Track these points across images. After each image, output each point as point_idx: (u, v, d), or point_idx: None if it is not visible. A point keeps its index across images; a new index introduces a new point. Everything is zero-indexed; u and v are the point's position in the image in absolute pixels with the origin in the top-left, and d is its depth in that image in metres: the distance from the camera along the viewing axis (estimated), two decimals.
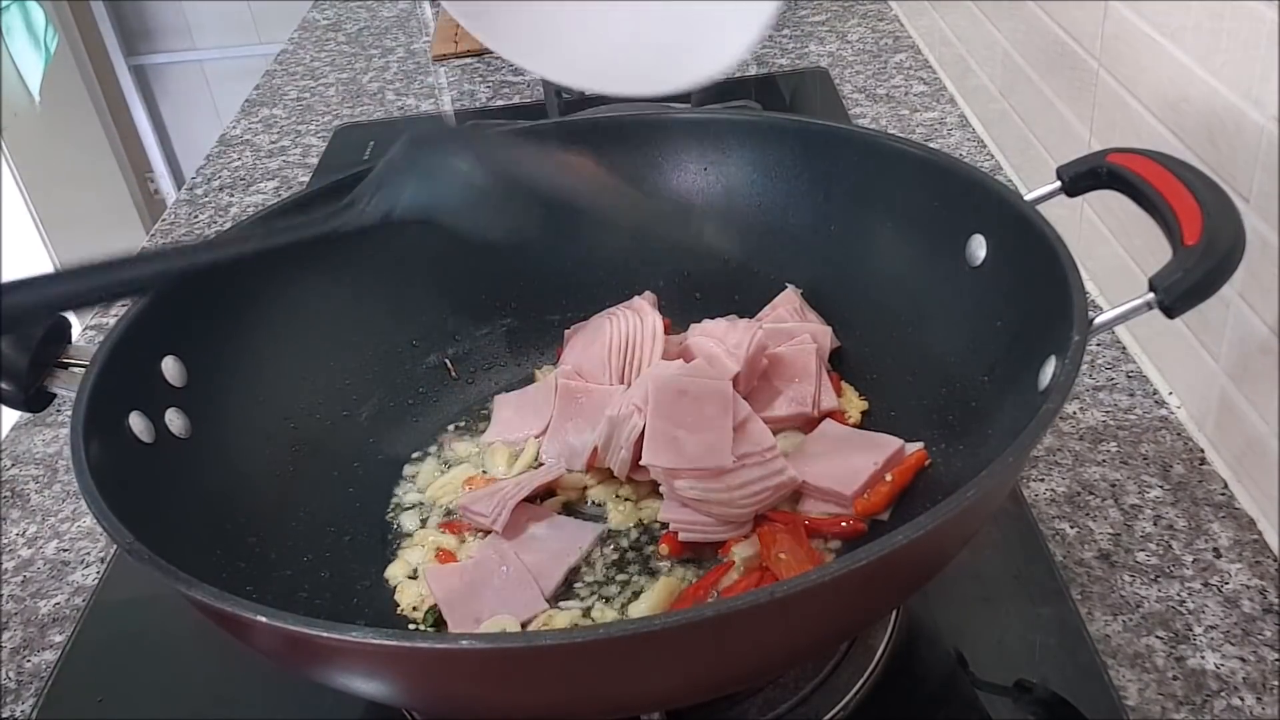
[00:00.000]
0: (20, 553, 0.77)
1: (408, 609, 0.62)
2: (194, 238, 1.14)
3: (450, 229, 0.64)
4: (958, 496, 0.43)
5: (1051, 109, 0.90)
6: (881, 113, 1.18)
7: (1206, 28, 0.64)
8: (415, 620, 0.61)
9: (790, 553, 0.59)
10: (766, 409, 0.67)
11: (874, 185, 0.70)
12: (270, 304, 0.69)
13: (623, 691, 0.45)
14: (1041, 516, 0.68)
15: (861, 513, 0.62)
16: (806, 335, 0.71)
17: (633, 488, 0.66)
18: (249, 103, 1.47)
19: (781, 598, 0.40)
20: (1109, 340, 0.81)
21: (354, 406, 0.72)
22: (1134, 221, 0.76)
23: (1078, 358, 0.49)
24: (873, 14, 1.44)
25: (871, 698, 0.58)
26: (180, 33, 2.70)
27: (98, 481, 0.50)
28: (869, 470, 0.62)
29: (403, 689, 0.48)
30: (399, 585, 0.63)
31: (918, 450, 0.63)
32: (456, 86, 1.41)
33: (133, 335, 0.60)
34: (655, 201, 0.77)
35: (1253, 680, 0.57)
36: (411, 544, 0.66)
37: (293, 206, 0.71)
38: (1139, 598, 0.62)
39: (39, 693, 0.65)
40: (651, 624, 0.40)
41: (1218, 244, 0.50)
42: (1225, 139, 0.63)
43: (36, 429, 0.90)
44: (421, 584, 0.63)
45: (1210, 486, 0.68)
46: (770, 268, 0.75)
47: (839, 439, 0.66)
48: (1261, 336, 0.62)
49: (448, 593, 0.60)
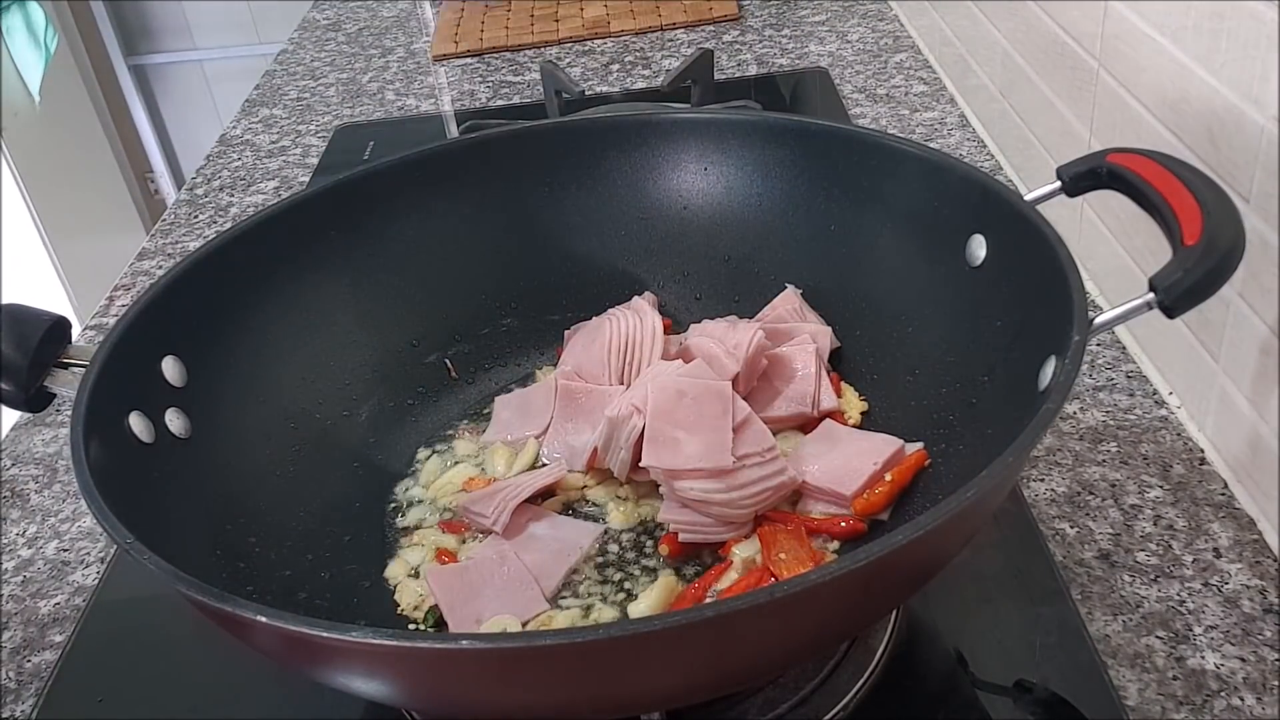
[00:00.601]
0: (20, 553, 0.77)
1: (408, 609, 0.62)
2: (194, 237, 1.15)
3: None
4: (958, 496, 0.43)
5: (1051, 109, 0.90)
6: (881, 113, 1.18)
7: (1207, 28, 0.64)
8: (415, 620, 0.61)
9: (790, 553, 0.59)
10: (766, 409, 0.67)
11: (874, 185, 0.70)
12: (270, 304, 0.69)
13: (623, 691, 0.45)
14: (1041, 516, 0.68)
15: (861, 513, 0.62)
16: (806, 335, 0.71)
17: (632, 488, 0.66)
18: (249, 103, 1.47)
19: (781, 598, 0.40)
20: (1109, 340, 0.81)
21: (354, 406, 0.72)
22: (1134, 221, 0.76)
23: (1078, 358, 0.49)
24: (873, 14, 1.44)
25: (871, 698, 0.58)
26: (180, 33, 2.70)
27: (97, 481, 0.50)
28: (869, 470, 0.62)
29: (403, 689, 0.48)
30: (399, 585, 0.63)
31: (918, 450, 0.63)
32: (456, 86, 1.41)
33: (133, 335, 0.60)
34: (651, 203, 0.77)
35: (1253, 680, 0.57)
36: (411, 544, 0.66)
37: (293, 206, 0.71)
38: (1139, 598, 0.62)
39: (39, 693, 0.65)
40: (651, 624, 0.40)
41: (1218, 244, 0.50)
42: (1225, 139, 0.63)
43: (36, 429, 0.90)
44: (421, 584, 0.63)
45: (1210, 486, 0.68)
46: (770, 268, 0.75)
47: (839, 439, 0.66)
48: (1262, 336, 0.62)
49: (448, 593, 0.60)
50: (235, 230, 0.68)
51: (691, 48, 1.41)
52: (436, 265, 0.76)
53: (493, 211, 0.77)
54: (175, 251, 1.13)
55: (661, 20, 1.48)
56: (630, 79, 1.35)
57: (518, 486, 0.65)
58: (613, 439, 0.64)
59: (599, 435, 0.65)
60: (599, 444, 0.65)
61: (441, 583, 0.61)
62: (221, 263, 0.67)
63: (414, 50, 1.56)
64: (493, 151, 0.77)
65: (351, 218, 0.73)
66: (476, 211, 0.77)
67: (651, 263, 0.78)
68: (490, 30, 1.54)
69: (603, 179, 0.77)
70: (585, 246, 0.78)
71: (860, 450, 0.64)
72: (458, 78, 1.44)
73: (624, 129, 0.77)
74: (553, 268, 0.78)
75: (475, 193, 0.77)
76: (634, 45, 1.45)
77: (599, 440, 0.65)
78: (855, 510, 0.62)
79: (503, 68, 1.44)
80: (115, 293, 1.07)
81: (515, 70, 1.43)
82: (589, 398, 0.70)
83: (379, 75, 1.49)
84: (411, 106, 1.38)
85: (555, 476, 0.67)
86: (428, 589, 0.62)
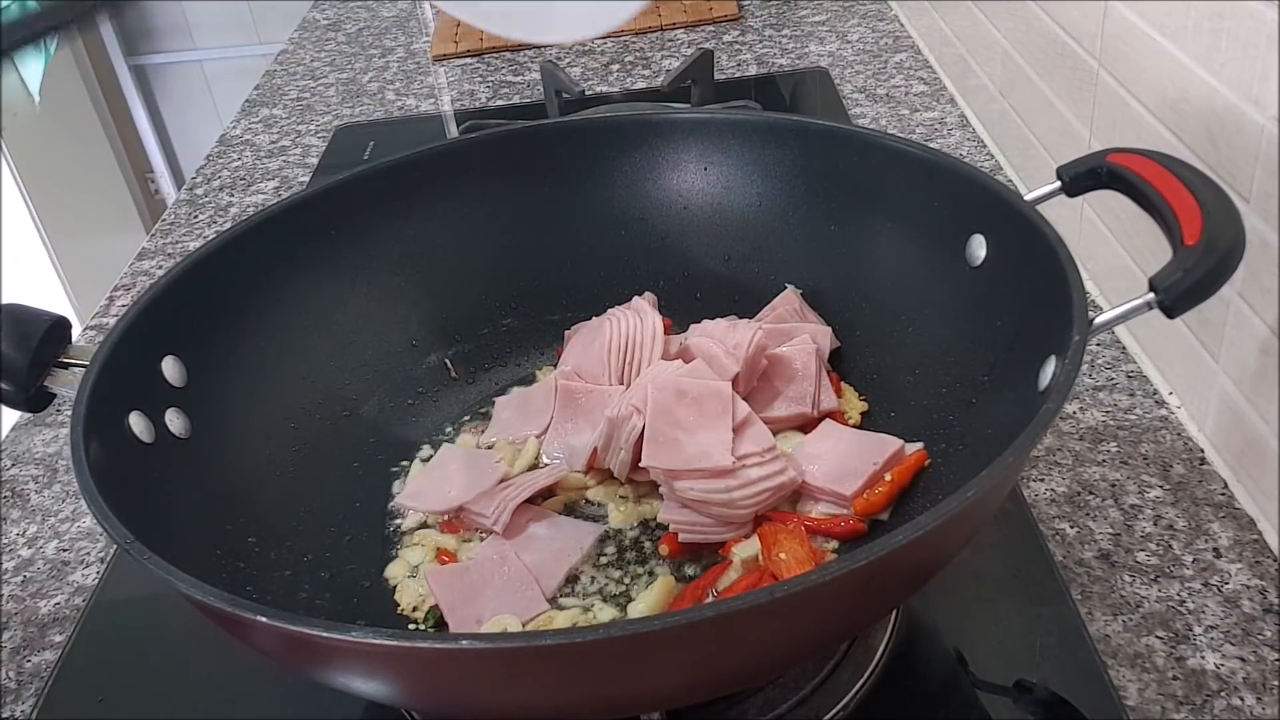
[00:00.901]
0: (20, 553, 0.77)
1: (407, 609, 0.62)
2: (194, 237, 1.15)
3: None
4: (958, 496, 0.43)
5: (1051, 109, 0.90)
6: (881, 113, 1.18)
7: (1207, 28, 0.64)
8: (415, 620, 0.61)
9: (791, 553, 0.59)
10: (766, 409, 0.67)
11: (874, 185, 0.70)
12: (270, 304, 0.69)
13: (623, 691, 0.45)
14: (1041, 516, 0.68)
15: (861, 513, 0.62)
16: (806, 335, 0.71)
17: (633, 488, 0.66)
18: (249, 103, 1.47)
19: (781, 598, 0.40)
20: (1109, 340, 0.81)
21: (354, 407, 0.72)
22: (1134, 221, 0.76)
23: (1078, 358, 0.49)
24: (873, 14, 1.44)
25: (871, 698, 0.58)
26: (180, 33, 2.70)
27: (97, 481, 0.50)
28: (869, 470, 0.62)
29: (403, 689, 0.48)
30: (399, 585, 0.63)
31: (917, 450, 0.63)
32: (456, 86, 1.41)
33: (132, 335, 0.60)
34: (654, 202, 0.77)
35: (1253, 680, 0.57)
36: (411, 544, 0.66)
37: (293, 206, 0.71)
38: (1139, 598, 0.62)
39: (39, 693, 0.65)
40: (651, 624, 0.40)
41: (1218, 244, 0.50)
42: (1225, 139, 0.63)
43: (36, 429, 0.90)
44: (421, 584, 0.62)
45: (1210, 486, 0.68)
46: (770, 268, 0.75)
47: (839, 439, 0.66)
48: (1262, 336, 0.62)
49: (448, 593, 0.60)
50: (235, 230, 0.68)
51: (691, 48, 1.41)
52: (436, 265, 0.76)
53: (492, 211, 0.77)
54: (175, 251, 1.13)
55: (661, 20, 1.48)
56: (630, 79, 1.35)
57: (519, 487, 0.65)
58: (613, 439, 0.64)
59: (599, 435, 0.65)
60: (599, 444, 0.65)
61: (442, 583, 0.61)
62: (221, 263, 0.67)
63: (414, 50, 1.56)
64: (493, 151, 0.77)
65: (351, 218, 0.73)
66: (476, 211, 0.77)
67: (651, 263, 0.78)
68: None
69: (603, 179, 0.77)
70: (585, 246, 0.78)
71: (860, 450, 0.64)
72: (458, 78, 1.44)
73: (624, 129, 0.77)
74: (553, 268, 0.78)
75: (475, 193, 0.77)
76: (634, 45, 1.45)
77: (599, 440, 0.65)
78: (855, 510, 0.62)
79: (503, 68, 1.44)
80: (115, 293, 1.07)
81: (515, 70, 1.43)
82: (589, 398, 0.70)
83: (379, 75, 1.49)
84: (411, 106, 1.38)
85: (556, 476, 0.67)
86: (428, 589, 0.62)
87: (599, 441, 0.65)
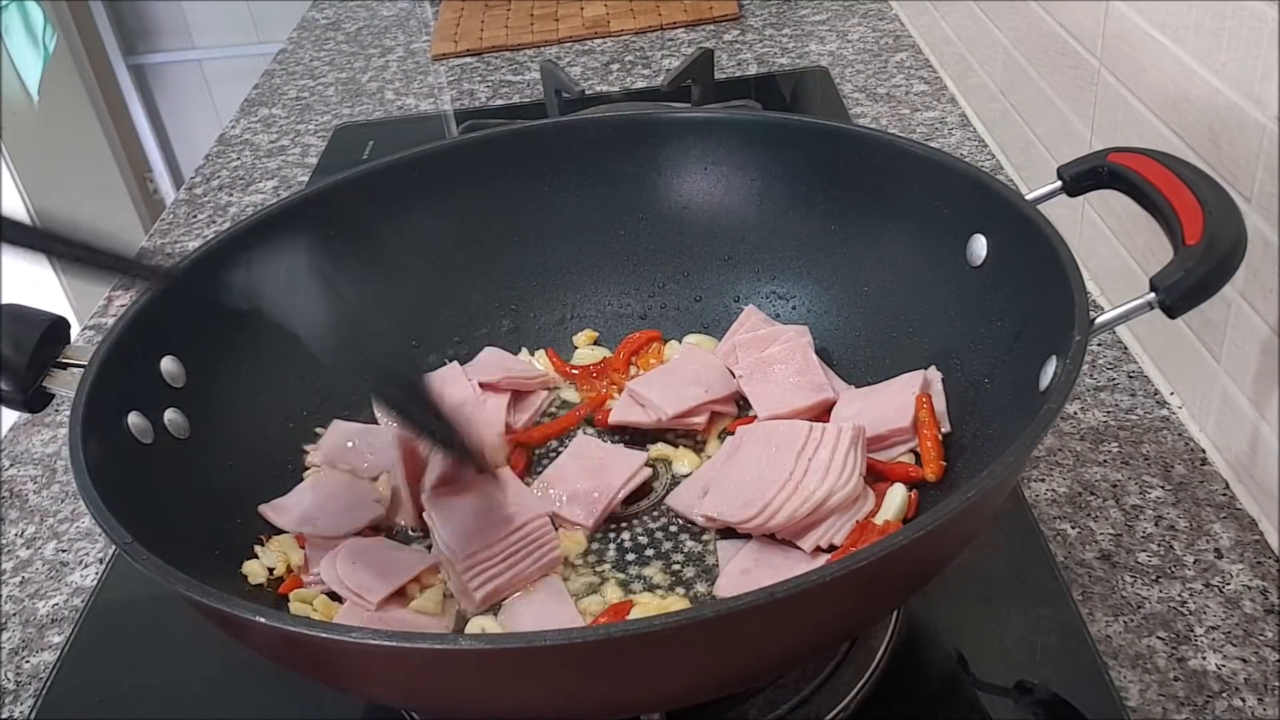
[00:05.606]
0: (19, 553, 0.77)
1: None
2: (193, 237, 1.14)
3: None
4: (958, 496, 0.43)
5: (1052, 108, 0.90)
6: (882, 112, 1.18)
7: (1208, 27, 0.64)
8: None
9: None
10: (789, 404, 0.67)
11: (875, 185, 0.70)
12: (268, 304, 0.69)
13: (623, 691, 0.45)
14: (1042, 517, 0.67)
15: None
16: (790, 333, 0.71)
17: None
18: (248, 102, 1.47)
19: (782, 598, 0.39)
20: (1110, 340, 0.81)
21: (354, 407, 0.72)
22: (1135, 221, 0.76)
23: (1079, 358, 0.49)
24: (873, 13, 1.44)
25: (872, 698, 0.58)
26: (179, 32, 2.70)
27: (96, 481, 0.50)
28: (910, 400, 0.63)
29: (402, 689, 0.48)
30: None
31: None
32: (456, 86, 1.41)
33: (132, 335, 0.60)
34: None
35: (1254, 681, 0.57)
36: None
37: (292, 206, 0.71)
38: (1140, 598, 0.62)
39: (38, 693, 0.65)
40: (651, 624, 0.40)
41: (1219, 244, 0.50)
42: (1227, 138, 0.63)
43: (35, 429, 0.89)
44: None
45: (1211, 487, 0.68)
46: (770, 268, 0.75)
47: (865, 396, 0.67)
48: (1263, 336, 0.62)
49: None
50: (234, 230, 0.68)
51: (691, 47, 1.41)
52: (435, 265, 0.76)
53: (492, 212, 0.77)
54: (175, 251, 1.12)
55: (661, 19, 1.48)
56: (630, 78, 1.35)
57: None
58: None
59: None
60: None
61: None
62: (221, 263, 0.67)
63: (414, 50, 1.56)
64: (492, 151, 0.77)
65: (351, 218, 0.73)
66: (476, 212, 0.77)
67: (651, 262, 0.78)
68: (490, 29, 1.54)
69: (603, 179, 0.77)
70: (585, 247, 0.78)
71: (891, 391, 0.65)
72: (457, 77, 1.44)
73: (624, 129, 0.77)
74: (552, 268, 0.78)
75: (475, 193, 0.77)
76: (634, 45, 1.45)
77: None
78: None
79: (502, 67, 1.44)
80: (114, 293, 1.07)
81: (515, 70, 1.43)
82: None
83: (379, 75, 1.49)
84: (411, 106, 1.38)
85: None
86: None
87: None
